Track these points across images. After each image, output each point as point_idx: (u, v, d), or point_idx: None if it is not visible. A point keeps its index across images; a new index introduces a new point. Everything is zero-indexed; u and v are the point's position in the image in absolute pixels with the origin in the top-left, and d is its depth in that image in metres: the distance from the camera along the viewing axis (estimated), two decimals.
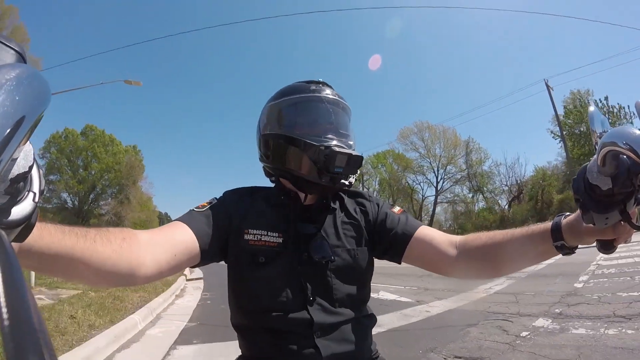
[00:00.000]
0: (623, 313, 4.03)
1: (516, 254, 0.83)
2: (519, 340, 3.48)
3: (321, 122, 0.97)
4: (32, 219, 0.38)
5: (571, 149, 30.00)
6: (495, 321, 4.25)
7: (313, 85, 1.00)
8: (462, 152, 37.17)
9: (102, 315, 4.38)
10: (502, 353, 3.15)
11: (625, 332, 3.41)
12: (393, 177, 38.90)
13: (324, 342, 0.87)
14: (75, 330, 3.66)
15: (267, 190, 1.05)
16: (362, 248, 0.99)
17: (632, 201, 0.62)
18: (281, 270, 0.90)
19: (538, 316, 4.30)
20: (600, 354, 2.92)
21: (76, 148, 39.81)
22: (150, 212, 47.28)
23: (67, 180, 39.22)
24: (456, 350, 3.30)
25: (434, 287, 7.07)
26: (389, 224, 1.00)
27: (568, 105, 31.72)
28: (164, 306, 5.97)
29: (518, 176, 34.96)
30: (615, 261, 7.68)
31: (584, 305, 4.63)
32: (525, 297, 5.60)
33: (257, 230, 0.92)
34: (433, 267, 0.97)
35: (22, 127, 0.27)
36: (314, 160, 0.91)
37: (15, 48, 0.33)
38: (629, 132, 0.55)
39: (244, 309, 0.94)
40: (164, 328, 4.57)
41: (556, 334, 3.60)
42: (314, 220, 0.98)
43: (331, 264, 0.93)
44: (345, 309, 0.92)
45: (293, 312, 0.88)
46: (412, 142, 38.23)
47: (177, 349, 3.81)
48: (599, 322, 3.85)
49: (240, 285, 0.94)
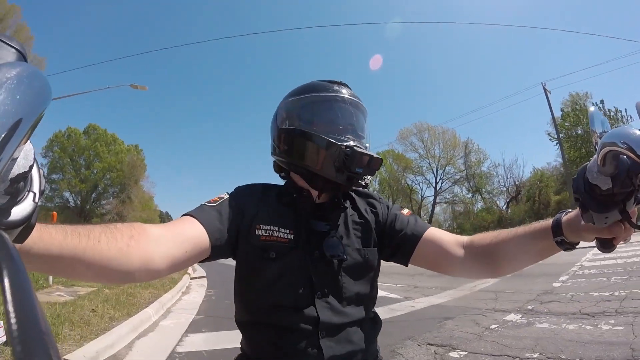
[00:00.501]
0: (588, 311, 4.39)
1: (519, 251, 0.84)
2: (487, 332, 3.94)
3: (342, 122, 0.98)
4: (33, 220, 0.38)
5: (568, 151, 30.33)
6: (471, 315, 4.72)
7: (335, 86, 1.00)
8: (461, 153, 37.50)
9: (119, 309, 4.90)
10: (469, 342, 3.62)
11: (584, 327, 3.78)
12: (393, 177, 39.28)
13: (327, 343, 0.87)
14: (97, 321, 4.18)
15: (279, 188, 1.05)
16: (372, 249, 0.99)
17: (631, 201, 0.62)
18: (292, 266, 0.90)
19: (511, 312, 4.74)
20: (555, 346, 3.31)
21: (79, 147, 39.99)
22: (152, 212, 47.46)
23: (70, 180, 39.38)
24: (430, 339, 3.79)
25: (423, 285, 7.61)
26: (398, 226, 1.00)
27: (566, 108, 32.01)
28: (173, 301, 6.50)
29: (516, 177, 35.25)
30: (598, 262, 8.12)
31: (556, 302, 5.04)
32: (504, 294, 6.09)
33: (268, 226, 0.92)
34: (441, 267, 0.98)
35: (23, 126, 0.27)
36: (333, 158, 0.91)
37: (16, 47, 0.33)
38: (629, 132, 0.55)
39: (251, 305, 0.94)
40: (175, 320, 5.09)
41: (522, 327, 4.03)
42: (326, 218, 0.98)
43: (343, 263, 0.93)
44: (353, 309, 0.92)
45: (301, 308, 0.88)
46: (412, 142, 38.60)
47: (188, 336, 4.33)
48: (563, 318, 4.25)
49: (249, 280, 0.93)
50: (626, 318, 3.88)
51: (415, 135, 38.62)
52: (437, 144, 38.11)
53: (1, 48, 0.32)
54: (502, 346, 3.43)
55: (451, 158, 37.62)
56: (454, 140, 37.67)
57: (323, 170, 0.93)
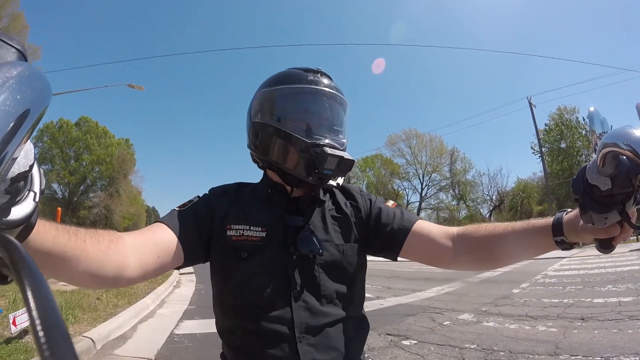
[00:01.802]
0: (533, 314, 4.93)
1: (516, 246, 0.83)
2: (439, 327, 4.61)
3: (315, 116, 0.93)
4: (33, 219, 0.38)
5: (550, 164, 31.35)
6: (431, 314, 5.38)
7: (310, 75, 0.94)
8: (447, 161, 38.45)
9: (121, 298, 5.56)
10: (421, 334, 4.30)
11: (523, 327, 4.33)
12: (380, 181, 40.06)
13: (305, 348, 0.83)
14: (104, 307, 4.84)
15: (255, 185, 1.02)
16: (352, 244, 0.95)
17: (631, 201, 0.61)
18: (264, 264, 0.87)
19: (465, 312, 5.35)
20: (492, 340, 3.89)
21: (69, 138, 39.77)
22: (139, 206, 47.12)
23: (59, 171, 39.10)
24: (389, 330, 4.47)
25: (396, 286, 8.29)
26: (384, 219, 0.96)
27: (552, 122, 32.98)
28: (166, 293, 7.12)
29: (500, 187, 36.38)
30: (562, 272, 8.83)
31: (509, 306, 5.63)
32: (467, 297, 6.70)
33: (239, 225, 0.89)
34: (431, 260, 0.95)
35: (23, 126, 0.27)
36: (303, 157, 0.87)
37: (16, 46, 0.33)
38: (629, 133, 0.54)
39: (227, 310, 0.91)
40: (170, 309, 5.75)
41: (470, 324, 4.66)
42: (303, 213, 0.94)
43: (319, 259, 0.89)
44: (333, 308, 0.88)
45: (277, 308, 0.85)
46: (400, 148, 39.49)
47: (183, 322, 5.00)
48: (509, 319, 4.80)
49: (223, 283, 0.91)
50: (563, 322, 4.34)
51: (404, 142, 39.56)
52: (424, 150, 39.08)
53: (1, 47, 0.32)
54: (448, 338, 4.08)
55: (437, 165, 38.63)
56: (441, 148, 38.64)
57: (293, 169, 0.90)
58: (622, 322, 4.09)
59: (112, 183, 41.31)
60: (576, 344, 3.51)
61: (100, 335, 3.72)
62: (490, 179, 37.22)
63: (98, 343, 3.61)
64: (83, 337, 3.55)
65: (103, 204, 40.31)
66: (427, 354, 3.62)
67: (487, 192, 37.29)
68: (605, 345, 3.36)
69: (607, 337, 3.61)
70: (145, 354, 3.56)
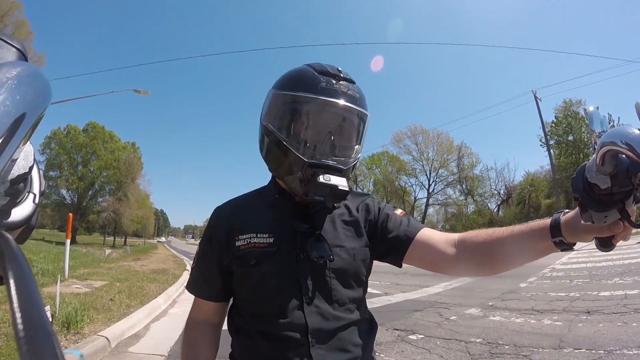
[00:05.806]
0: (539, 308, 4.97)
1: (516, 250, 0.82)
2: (446, 321, 4.68)
3: (319, 134, 0.88)
4: (33, 221, 0.38)
5: (559, 157, 31.09)
6: (438, 309, 5.45)
7: (324, 82, 0.87)
8: (454, 156, 38.36)
9: (133, 298, 5.68)
10: (428, 328, 4.37)
11: (528, 321, 4.39)
12: (387, 178, 40.01)
13: (319, 352, 0.83)
14: (117, 308, 4.96)
15: (263, 189, 1.03)
16: (363, 248, 0.95)
17: (631, 200, 0.61)
18: (273, 270, 0.87)
19: (472, 306, 5.41)
20: (497, 334, 3.97)
21: (77, 145, 40.32)
22: (148, 209, 47.64)
23: (67, 177, 39.78)
24: (397, 325, 4.55)
25: (404, 283, 8.39)
26: (390, 226, 0.97)
27: (558, 115, 32.78)
28: (177, 294, 7.24)
29: (507, 181, 36.19)
30: (569, 266, 8.80)
31: (515, 300, 5.69)
32: (474, 292, 6.77)
33: (246, 234, 0.90)
34: (433, 267, 0.95)
35: (23, 127, 0.26)
36: (297, 175, 0.86)
37: (16, 46, 0.33)
38: (628, 131, 0.54)
39: (240, 313, 0.93)
40: (182, 309, 5.82)
41: (477, 319, 4.73)
42: (312, 218, 0.94)
43: (330, 264, 0.89)
44: (345, 312, 0.89)
45: (289, 313, 0.85)
46: (406, 145, 39.43)
47: None
48: (515, 313, 4.86)
49: (237, 290, 0.94)
50: (569, 315, 4.41)
51: (410, 138, 39.49)
52: (431, 147, 38.97)
53: (2, 47, 0.32)
54: (454, 332, 4.15)
55: (444, 161, 38.50)
56: (448, 143, 38.50)
57: (289, 185, 0.91)
58: (627, 315, 4.12)
59: (120, 187, 41.84)
60: (580, 338, 3.55)
61: (114, 334, 3.84)
62: (497, 173, 37.18)
63: (113, 341, 3.73)
64: (98, 335, 3.68)
65: (112, 208, 40.82)
66: (433, 347, 3.68)
67: (495, 186, 37.10)
68: (609, 339, 3.41)
69: (611, 331, 3.64)
70: (158, 352, 3.68)
